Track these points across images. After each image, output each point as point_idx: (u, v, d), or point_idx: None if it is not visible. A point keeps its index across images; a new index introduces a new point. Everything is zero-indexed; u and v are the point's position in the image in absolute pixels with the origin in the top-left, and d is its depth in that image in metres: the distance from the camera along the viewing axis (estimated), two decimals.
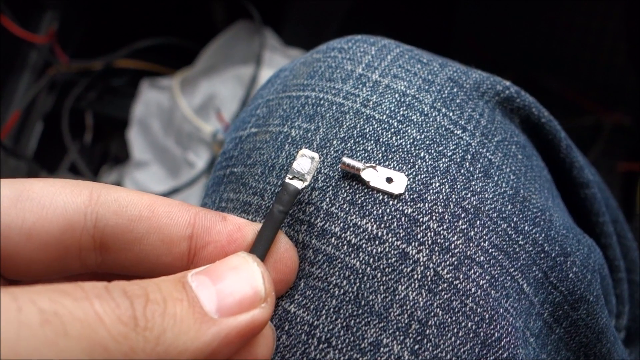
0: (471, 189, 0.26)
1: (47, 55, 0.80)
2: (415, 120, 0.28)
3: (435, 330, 0.24)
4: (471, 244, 0.25)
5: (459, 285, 0.24)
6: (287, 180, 0.24)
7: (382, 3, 0.92)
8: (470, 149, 0.27)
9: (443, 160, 0.27)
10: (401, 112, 0.28)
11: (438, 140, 0.27)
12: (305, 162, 0.24)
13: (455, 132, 0.28)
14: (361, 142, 0.27)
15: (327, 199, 0.26)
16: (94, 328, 0.16)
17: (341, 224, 0.25)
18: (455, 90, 0.29)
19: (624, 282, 0.37)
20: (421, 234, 0.25)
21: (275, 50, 0.78)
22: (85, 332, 0.16)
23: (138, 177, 0.82)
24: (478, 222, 0.26)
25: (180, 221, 0.22)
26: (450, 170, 0.26)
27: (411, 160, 0.26)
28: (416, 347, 0.23)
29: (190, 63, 0.84)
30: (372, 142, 0.27)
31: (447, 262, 0.25)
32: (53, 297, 0.16)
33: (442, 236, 0.25)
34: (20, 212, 0.20)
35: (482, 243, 0.26)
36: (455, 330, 0.24)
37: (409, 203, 0.25)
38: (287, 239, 0.25)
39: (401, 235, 0.25)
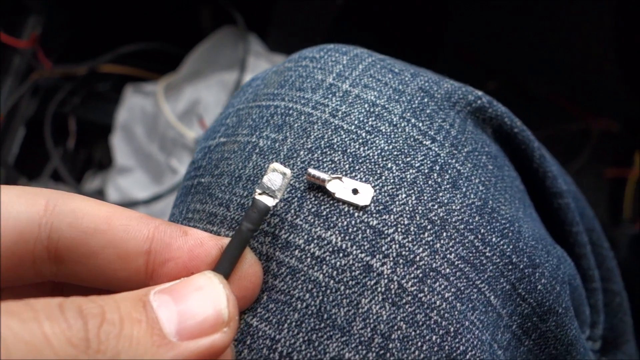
0: (438, 200, 0.26)
1: (30, 60, 0.80)
2: (383, 130, 0.27)
3: (398, 344, 0.23)
4: (437, 256, 0.25)
5: (423, 298, 0.24)
6: (256, 196, 0.23)
7: (370, 9, 0.92)
8: (439, 160, 0.27)
9: (410, 171, 0.26)
10: (370, 123, 0.28)
11: (406, 151, 0.27)
12: (277, 177, 0.24)
13: (424, 142, 0.28)
14: (328, 152, 0.27)
15: (292, 211, 0.25)
16: (40, 350, 0.16)
17: (305, 236, 0.25)
18: (425, 100, 0.29)
19: (599, 292, 0.36)
20: (386, 246, 0.25)
21: (259, 56, 0.78)
22: (30, 355, 0.15)
23: (121, 183, 0.81)
24: (444, 234, 0.26)
25: (137, 235, 0.22)
26: (418, 182, 0.26)
27: (378, 172, 0.26)
28: None
29: (174, 68, 0.83)
30: (339, 152, 0.27)
31: (412, 275, 0.24)
32: None
33: (407, 248, 0.25)
34: None
35: (448, 255, 0.25)
36: (419, 344, 0.24)
37: (374, 215, 0.25)
38: (252, 254, 0.24)
39: (365, 247, 0.25)
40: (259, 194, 0.24)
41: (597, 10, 0.92)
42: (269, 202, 0.23)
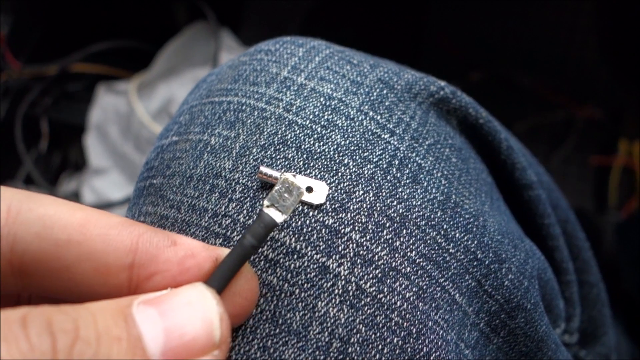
0: (398, 196, 0.25)
1: None
2: (340, 124, 0.26)
3: (358, 348, 0.22)
4: (397, 255, 0.24)
5: (383, 299, 0.23)
6: (264, 209, 0.21)
7: (348, 2, 0.90)
8: (398, 154, 0.26)
9: (368, 166, 0.25)
10: (325, 117, 0.26)
11: (364, 145, 0.26)
12: (288, 191, 0.21)
13: (383, 136, 0.26)
14: (282, 149, 0.26)
15: (244, 212, 0.24)
16: None
17: None
18: (385, 92, 0.28)
19: (574, 284, 0.36)
20: (342, 246, 0.23)
21: (232, 51, 0.76)
22: None
23: (97, 184, 0.79)
24: (404, 231, 0.24)
25: (118, 247, 0.19)
26: (376, 177, 0.25)
27: (334, 168, 0.25)
28: None
29: (147, 66, 0.82)
30: (293, 149, 0.26)
31: (370, 275, 0.23)
32: None
33: (364, 247, 0.24)
34: None
35: (409, 253, 0.24)
36: (380, 347, 0.23)
37: (330, 213, 0.24)
38: (251, 268, 0.21)
39: (321, 248, 0.23)
40: (267, 206, 0.21)
41: None
42: (277, 217, 0.21)
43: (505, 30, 1.00)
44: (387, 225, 0.24)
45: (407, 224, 0.25)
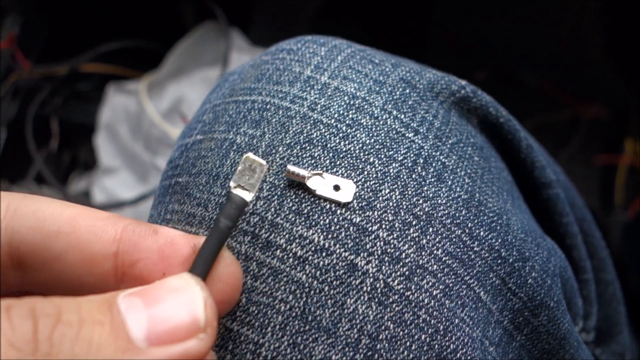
0: (423, 194, 0.25)
1: (9, 61, 0.78)
2: (364, 123, 0.26)
3: (386, 345, 0.23)
4: (423, 253, 0.24)
5: (410, 296, 0.23)
6: (232, 190, 0.22)
7: (354, 0, 0.91)
8: (423, 153, 0.26)
9: (393, 165, 0.26)
10: (350, 116, 0.27)
11: (388, 144, 0.26)
12: (251, 169, 0.22)
13: (407, 135, 0.27)
14: (308, 148, 0.26)
15: (272, 209, 0.25)
16: None
17: (287, 236, 0.24)
18: (407, 91, 0.28)
19: (591, 283, 0.36)
20: (370, 243, 0.24)
21: (242, 51, 0.76)
22: None
23: (107, 183, 0.80)
24: (430, 229, 0.25)
25: (103, 237, 0.20)
26: (401, 176, 0.25)
27: (360, 166, 0.25)
28: None
29: (157, 66, 0.82)
30: (319, 147, 0.26)
31: (398, 273, 0.24)
32: None
33: (392, 245, 0.24)
34: None
35: (435, 251, 0.24)
36: (408, 343, 0.23)
37: (357, 211, 0.24)
38: (230, 253, 0.22)
39: (349, 245, 0.24)
40: (234, 187, 0.22)
41: None
42: (246, 196, 0.22)
43: (510, 29, 0.99)
44: (414, 223, 0.24)
45: (433, 222, 0.25)
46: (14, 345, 0.15)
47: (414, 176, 0.25)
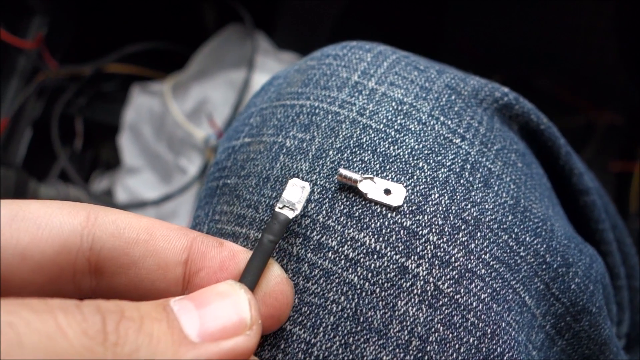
0: (471, 199, 0.26)
1: (36, 60, 0.79)
2: (413, 129, 0.27)
3: (436, 347, 0.23)
4: (472, 257, 0.25)
5: (460, 299, 0.24)
6: (277, 209, 0.23)
7: (374, 4, 0.91)
8: (470, 158, 0.27)
9: (442, 170, 0.26)
10: (398, 121, 0.27)
11: (437, 149, 0.27)
12: (295, 191, 0.24)
13: (454, 141, 0.27)
14: (358, 152, 0.26)
15: (324, 212, 0.25)
16: (54, 339, 0.15)
17: (338, 238, 0.24)
18: (453, 97, 0.29)
19: (624, 290, 0.36)
20: (420, 247, 0.24)
21: (267, 54, 0.77)
22: (42, 343, 0.15)
23: (130, 183, 0.80)
24: (479, 234, 0.25)
25: (177, 245, 0.22)
26: (450, 181, 0.26)
27: (409, 171, 0.26)
28: None
29: (181, 67, 0.83)
30: (369, 152, 0.26)
31: (448, 276, 0.24)
32: (11, 309, 0.15)
33: (442, 249, 0.24)
34: (14, 232, 0.19)
35: (483, 255, 0.25)
36: (457, 346, 0.23)
37: (407, 215, 0.25)
38: (282, 271, 0.23)
39: (400, 249, 0.24)
40: (280, 207, 0.23)
41: (597, 2, 0.92)
42: (289, 214, 0.23)
43: (526, 33, 0.99)
44: (463, 228, 0.25)
45: (480, 227, 0.25)
46: (86, 334, 0.16)
47: (462, 181, 0.26)
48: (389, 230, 0.24)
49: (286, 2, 0.82)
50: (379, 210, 0.25)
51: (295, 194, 0.24)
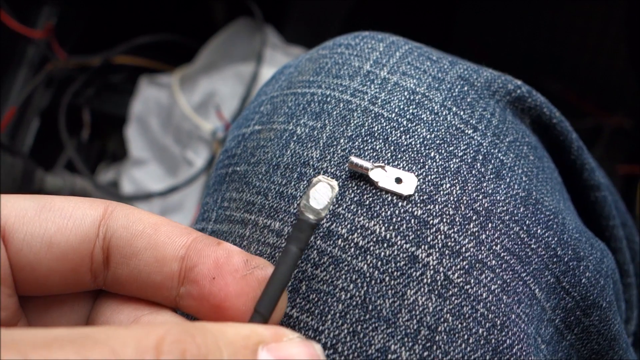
0: (483, 190, 0.26)
1: (45, 50, 0.79)
2: (425, 119, 0.27)
3: (445, 337, 0.23)
4: (483, 248, 0.24)
5: (469, 290, 0.24)
6: (301, 215, 0.22)
7: (383, 4, 0.91)
8: (482, 149, 0.27)
9: (454, 160, 0.26)
10: (410, 111, 0.27)
11: (449, 139, 0.26)
12: (324, 190, 0.22)
13: (467, 131, 0.27)
14: (369, 140, 0.26)
15: (334, 199, 0.25)
16: None
17: (348, 226, 0.24)
18: (465, 88, 0.28)
19: (633, 287, 0.36)
20: (431, 236, 0.24)
21: (276, 48, 0.77)
22: None
23: (136, 175, 0.80)
24: (490, 224, 0.25)
25: (176, 241, 0.22)
26: (461, 171, 0.26)
27: (421, 160, 0.26)
28: (425, 353, 0.23)
29: (189, 60, 0.83)
30: (380, 141, 0.26)
31: (458, 266, 0.24)
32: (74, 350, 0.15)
33: (452, 239, 0.24)
34: (43, 222, 0.21)
35: (494, 247, 0.25)
36: (466, 336, 0.23)
37: (418, 204, 0.25)
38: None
39: (410, 237, 0.24)
40: (304, 210, 0.22)
41: (608, 6, 0.91)
42: (310, 218, 0.22)
43: (534, 35, 0.99)
44: (474, 218, 0.25)
45: (492, 218, 0.25)
46: None
47: (473, 172, 0.26)
48: (399, 219, 0.24)
49: None
50: (389, 198, 0.25)
51: (323, 195, 0.22)
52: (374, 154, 0.26)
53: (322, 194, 0.22)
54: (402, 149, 0.26)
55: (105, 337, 0.15)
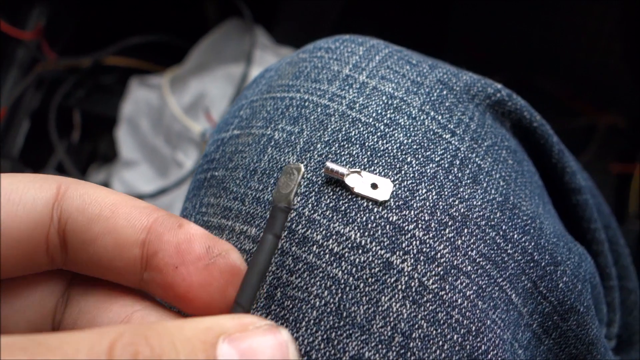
0: (459, 195, 0.25)
1: (34, 51, 0.79)
2: (402, 123, 0.27)
3: (419, 344, 0.23)
4: (458, 253, 0.24)
5: (444, 296, 0.24)
6: (273, 199, 0.22)
7: (376, 2, 0.91)
8: (459, 154, 0.27)
9: (430, 165, 0.26)
10: (388, 115, 0.27)
11: (426, 144, 0.26)
12: (291, 177, 0.23)
13: (444, 136, 0.27)
14: (346, 146, 0.26)
15: (309, 205, 0.25)
16: None
17: (323, 232, 0.24)
18: (444, 92, 0.28)
19: (616, 290, 0.36)
20: (406, 242, 0.24)
21: (266, 49, 0.77)
22: None
23: (127, 176, 0.80)
24: (466, 230, 0.25)
25: (136, 224, 0.21)
26: (438, 176, 0.26)
27: (397, 166, 0.26)
28: None
29: (180, 61, 0.82)
30: (357, 146, 0.26)
31: (433, 272, 0.24)
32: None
33: (427, 245, 0.24)
34: None
35: (470, 252, 0.25)
36: (441, 343, 0.23)
37: (394, 210, 0.24)
38: None
39: (385, 244, 0.24)
40: (274, 198, 0.22)
41: (603, 4, 0.91)
42: (284, 203, 0.22)
43: (529, 34, 0.99)
44: (450, 224, 0.25)
45: (468, 223, 0.25)
46: None
47: (450, 177, 0.26)
48: (374, 225, 0.24)
49: None
50: (365, 204, 0.25)
51: (290, 180, 0.23)
52: (351, 159, 0.26)
53: (290, 179, 0.22)
54: (379, 154, 0.26)
55: (59, 343, 0.15)
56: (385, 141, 0.26)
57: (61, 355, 0.14)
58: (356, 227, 0.24)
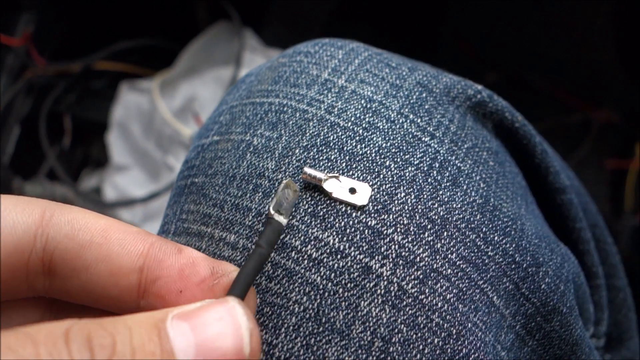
0: (438, 198, 0.25)
1: (24, 57, 0.79)
2: (381, 127, 0.27)
3: (399, 348, 0.23)
4: (438, 257, 0.24)
5: (424, 300, 0.24)
6: (274, 216, 0.23)
7: (367, 2, 0.91)
8: (439, 157, 0.26)
9: (409, 169, 0.26)
10: (367, 119, 0.27)
11: (405, 148, 0.26)
12: (289, 194, 0.23)
13: (423, 139, 0.27)
14: (324, 150, 0.26)
15: None
16: None
17: (302, 237, 0.24)
18: (424, 95, 0.28)
19: (603, 289, 0.36)
20: (385, 247, 0.24)
21: (255, 51, 0.77)
22: None
23: (118, 181, 0.80)
24: (445, 233, 0.25)
25: (132, 250, 0.20)
26: (417, 180, 0.25)
27: (376, 170, 0.25)
28: None
29: (170, 64, 0.82)
30: (335, 150, 0.26)
31: (412, 276, 0.24)
32: None
33: (406, 249, 0.24)
34: None
35: (450, 255, 0.25)
36: (421, 347, 0.23)
37: (372, 215, 0.24)
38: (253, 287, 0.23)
39: (364, 248, 0.24)
40: (274, 213, 0.23)
41: (595, 1, 0.91)
42: (282, 220, 0.23)
43: (522, 31, 0.99)
44: (429, 227, 0.25)
45: (447, 226, 0.25)
46: None
47: (429, 180, 0.26)
48: (353, 229, 0.24)
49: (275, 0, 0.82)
50: (343, 209, 0.24)
51: (288, 198, 0.23)
52: (329, 164, 0.26)
53: (288, 197, 0.23)
54: (357, 159, 0.26)
55: (22, 335, 0.15)
56: (363, 145, 0.26)
57: (23, 339, 0.15)
58: (335, 232, 0.24)
